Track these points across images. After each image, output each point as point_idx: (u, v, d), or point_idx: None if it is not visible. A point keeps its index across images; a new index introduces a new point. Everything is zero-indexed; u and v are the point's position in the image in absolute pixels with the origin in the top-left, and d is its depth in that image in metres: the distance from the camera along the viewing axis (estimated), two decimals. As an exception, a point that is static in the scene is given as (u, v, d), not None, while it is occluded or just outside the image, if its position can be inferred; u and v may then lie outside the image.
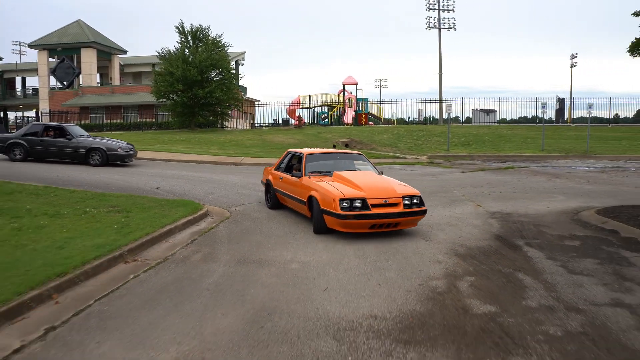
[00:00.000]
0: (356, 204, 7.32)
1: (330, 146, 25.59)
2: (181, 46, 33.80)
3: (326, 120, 44.17)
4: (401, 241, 7.26)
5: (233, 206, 9.99)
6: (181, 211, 8.57)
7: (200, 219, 8.62)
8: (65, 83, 47.66)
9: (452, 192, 12.34)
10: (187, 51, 33.14)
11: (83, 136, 17.01)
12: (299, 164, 9.17)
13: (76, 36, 47.38)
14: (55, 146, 16.55)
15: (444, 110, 32.40)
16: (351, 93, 42.96)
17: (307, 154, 9.22)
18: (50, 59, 48.68)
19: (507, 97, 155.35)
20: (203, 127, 36.24)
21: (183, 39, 33.81)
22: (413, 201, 7.62)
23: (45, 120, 38.55)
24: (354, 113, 41.70)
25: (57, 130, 16.95)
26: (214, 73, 33.47)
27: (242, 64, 43.51)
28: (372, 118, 44.59)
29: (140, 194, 10.59)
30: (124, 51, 52.84)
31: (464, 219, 8.91)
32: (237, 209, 9.76)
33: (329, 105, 45.19)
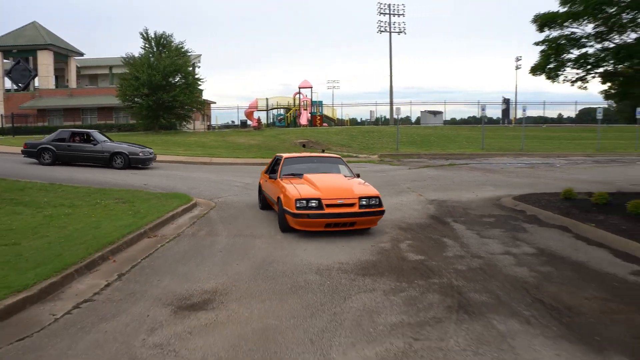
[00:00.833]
0: (312, 204, 7.67)
1: (290, 146, 27.35)
2: (145, 52, 34.89)
3: (283, 122, 45.87)
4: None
5: (216, 198, 11.78)
6: (176, 202, 10.34)
7: (193, 208, 10.41)
8: (21, 85, 47.37)
9: (399, 185, 14.53)
10: (151, 57, 34.27)
11: (107, 141, 18.55)
12: (277, 166, 9.69)
13: (32, 38, 47.17)
14: (82, 151, 18.07)
15: (394, 113, 34.84)
16: (306, 96, 44.79)
17: (285, 157, 9.80)
18: (5, 60, 48.23)
19: (457, 97, 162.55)
20: (165, 129, 37.37)
21: (147, 45, 34.92)
22: (371, 202, 7.92)
23: (7, 122, 38.61)
24: (309, 115, 43.52)
25: (83, 136, 18.50)
26: (177, 77, 34.76)
27: (199, 67, 44.74)
28: (326, 119, 46.66)
29: (133, 189, 12.22)
30: (80, 53, 52.96)
31: (407, 205, 11.08)
32: (219, 200, 11.57)
33: (285, 108, 47.07)
